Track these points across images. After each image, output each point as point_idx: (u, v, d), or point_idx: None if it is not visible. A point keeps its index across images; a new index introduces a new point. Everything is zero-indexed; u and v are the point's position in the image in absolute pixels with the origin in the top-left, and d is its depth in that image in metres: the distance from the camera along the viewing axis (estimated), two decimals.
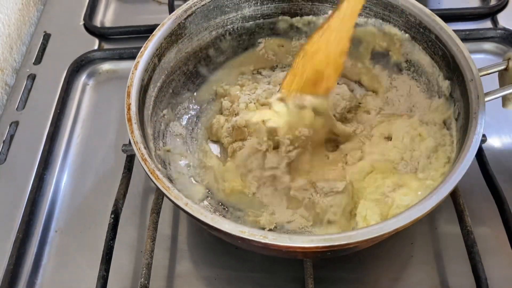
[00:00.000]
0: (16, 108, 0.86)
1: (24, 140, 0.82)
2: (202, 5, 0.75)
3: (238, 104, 0.78)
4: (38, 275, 0.68)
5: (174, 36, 0.73)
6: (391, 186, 0.66)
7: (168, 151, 0.72)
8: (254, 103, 0.78)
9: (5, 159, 0.80)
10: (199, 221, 0.54)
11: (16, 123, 0.84)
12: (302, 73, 0.71)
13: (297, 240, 0.51)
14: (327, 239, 0.51)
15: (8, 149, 0.81)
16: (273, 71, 0.85)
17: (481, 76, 0.64)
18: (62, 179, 0.78)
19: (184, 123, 0.78)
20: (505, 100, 0.68)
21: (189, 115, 0.79)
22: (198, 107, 0.80)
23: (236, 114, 0.77)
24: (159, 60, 0.72)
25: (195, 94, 0.80)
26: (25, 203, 0.73)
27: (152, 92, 0.71)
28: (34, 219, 0.73)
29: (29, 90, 0.89)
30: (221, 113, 0.79)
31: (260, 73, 0.84)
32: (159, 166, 0.63)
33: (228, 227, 0.52)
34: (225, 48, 0.81)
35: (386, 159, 0.70)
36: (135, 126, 0.61)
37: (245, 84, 0.81)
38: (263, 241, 0.51)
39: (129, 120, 0.61)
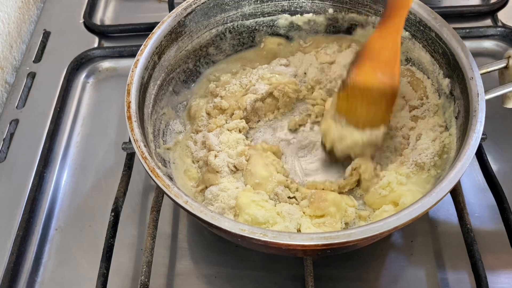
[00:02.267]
0: (16, 106, 0.86)
1: (24, 138, 0.82)
2: (202, 3, 0.75)
3: (225, 88, 0.78)
4: (38, 273, 0.68)
5: (174, 34, 0.73)
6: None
7: (168, 149, 0.72)
8: (244, 88, 0.78)
9: (5, 157, 0.80)
10: (199, 219, 0.54)
11: (16, 121, 0.84)
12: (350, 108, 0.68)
13: (296, 238, 0.51)
14: (327, 237, 0.51)
15: (8, 147, 0.81)
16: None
17: (481, 74, 0.64)
18: (62, 177, 0.78)
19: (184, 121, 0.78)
20: (505, 98, 0.68)
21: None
22: None
23: (217, 96, 0.78)
24: (159, 58, 0.72)
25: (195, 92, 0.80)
26: (25, 201, 0.73)
27: (152, 90, 0.71)
28: (34, 217, 0.73)
29: (29, 88, 0.89)
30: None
31: None
32: (159, 164, 0.63)
33: (228, 225, 0.52)
34: (225, 46, 0.82)
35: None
36: (135, 124, 0.61)
37: (239, 71, 0.82)
38: (263, 239, 0.51)
39: (129, 118, 0.61)
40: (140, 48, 0.69)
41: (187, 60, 0.78)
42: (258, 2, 0.79)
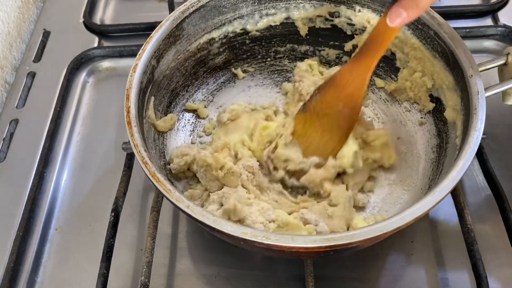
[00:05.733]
0: (16, 106, 0.86)
1: (24, 138, 0.82)
2: (200, 6, 0.74)
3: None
4: (38, 273, 0.68)
5: (172, 37, 0.73)
6: None
7: None
8: None
9: (5, 157, 0.80)
10: (201, 223, 0.53)
11: (16, 121, 0.84)
12: (306, 132, 0.70)
13: (299, 240, 0.51)
14: (330, 239, 0.51)
15: (8, 147, 0.81)
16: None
17: (480, 71, 0.64)
18: (62, 177, 0.78)
19: (184, 124, 0.78)
20: (505, 94, 0.68)
21: (189, 116, 0.79)
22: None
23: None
24: (158, 62, 0.71)
25: (193, 96, 0.80)
26: (25, 201, 0.73)
27: (151, 94, 0.70)
28: (34, 217, 0.73)
29: (29, 88, 0.89)
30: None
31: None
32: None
33: (231, 229, 0.52)
34: (223, 49, 0.81)
35: None
36: (135, 129, 0.61)
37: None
38: (265, 241, 0.51)
39: (129, 123, 0.61)
40: (139, 53, 0.68)
41: (185, 63, 0.77)
42: (256, 4, 0.79)
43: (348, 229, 0.65)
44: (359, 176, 0.70)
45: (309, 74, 0.79)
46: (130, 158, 0.74)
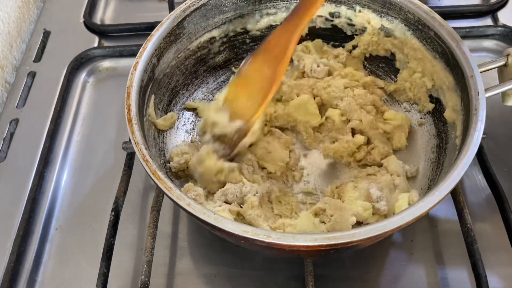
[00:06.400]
0: (16, 106, 0.86)
1: (24, 138, 0.82)
2: (201, 5, 0.74)
3: None
4: (38, 273, 0.68)
5: (173, 36, 0.73)
6: None
7: None
8: None
9: (5, 157, 0.80)
10: (202, 221, 0.53)
11: (16, 121, 0.84)
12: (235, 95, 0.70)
13: (300, 239, 0.51)
14: (331, 238, 0.51)
15: (8, 147, 0.81)
16: None
17: (480, 72, 0.64)
18: (62, 176, 0.78)
19: (184, 122, 0.78)
20: (504, 95, 0.68)
21: (188, 115, 0.79)
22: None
23: None
24: (158, 60, 0.71)
25: (193, 94, 0.80)
26: (25, 201, 0.73)
27: (152, 92, 0.70)
28: (35, 217, 0.73)
29: (29, 88, 0.89)
30: None
31: None
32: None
33: (232, 227, 0.52)
34: (223, 48, 0.81)
35: None
36: (136, 127, 0.61)
37: None
38: (266, 240, 0.51)
39: (130, 121, 0.61)
40: (139, 51, 0.68)
41: (186, 62, 0.77)
42: (256, 3, 0.79)
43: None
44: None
45: (306, 54, 0.80)
46: (130, 157, 0.74)
